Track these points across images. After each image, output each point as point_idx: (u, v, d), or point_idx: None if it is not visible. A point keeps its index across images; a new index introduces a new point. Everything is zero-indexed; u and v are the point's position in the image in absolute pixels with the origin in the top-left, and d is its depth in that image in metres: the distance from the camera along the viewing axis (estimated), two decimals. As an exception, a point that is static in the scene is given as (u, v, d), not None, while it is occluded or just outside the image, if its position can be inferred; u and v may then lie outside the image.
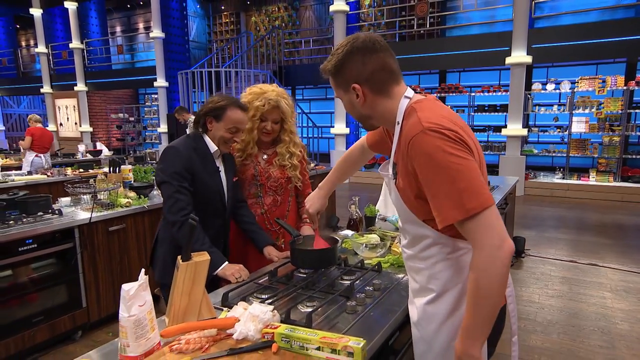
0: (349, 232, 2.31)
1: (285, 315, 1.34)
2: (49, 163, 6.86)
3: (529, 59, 7.89)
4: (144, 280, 1.18)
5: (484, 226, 1.02)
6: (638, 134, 8.11)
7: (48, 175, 5.45)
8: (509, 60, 7.97)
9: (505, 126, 8.42)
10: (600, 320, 3.29)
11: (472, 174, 1.04)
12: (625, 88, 7.78)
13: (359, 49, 1.20)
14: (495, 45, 8.42)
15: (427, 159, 1.07)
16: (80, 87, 13.54)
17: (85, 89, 13.62)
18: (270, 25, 13.62)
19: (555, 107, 8.76)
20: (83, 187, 3.29)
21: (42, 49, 14.18)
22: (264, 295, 1.55)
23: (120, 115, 14.31)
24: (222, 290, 1.66)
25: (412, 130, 1.12)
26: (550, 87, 8.48)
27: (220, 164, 2.03)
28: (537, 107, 8.93)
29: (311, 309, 1.38)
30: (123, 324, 1.12)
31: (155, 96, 12.81)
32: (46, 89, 14.57)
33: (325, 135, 11.77)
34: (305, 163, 2.33)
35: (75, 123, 14.13)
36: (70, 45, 13.41)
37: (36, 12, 13.84)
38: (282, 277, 1.72)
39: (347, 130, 10.19)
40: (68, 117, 14.34)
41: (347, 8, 9.83)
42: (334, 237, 1.90)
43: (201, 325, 1.28)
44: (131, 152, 11.45)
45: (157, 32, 11.47)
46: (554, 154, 8.93)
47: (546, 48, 8.16)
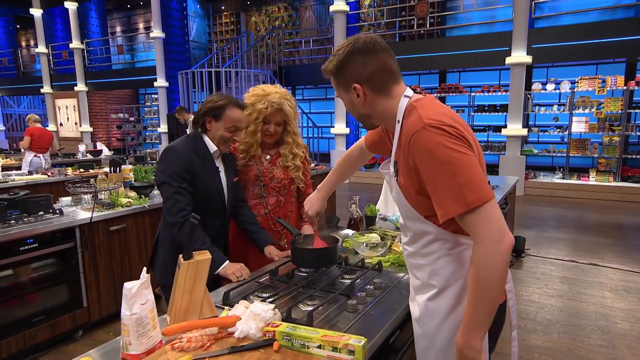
0: (349, 232, 2.31)
1: (286, 313, 1.35)
2: (48, 163, 6.85)
3: (529, 59, 7.89)
4: (146, 279, 1.18)
5: (484, 220, 1.04)
6: (638, 134, 8.12)
7: (48, 175, 5.46)
8: (509, 60, 7.97)
9: (505, 126, 8.43)
10: (600, 319, 3.30)
11: (472, 169, 1.06)
12: (625, 88, 7.79)
13: (359, 50, 1.22)
14: (495, 45, 8.42)
15: (428, 155, 1.09)
16: (81, 87, 13.55)
17: (86, 89, 13.62)
18: (270, 25, 13.63)
19: (555, 107, 8.76)
20: (84, 186, 3.29)
21: (42, 49, 14.18)
22: (265, 294, 1.55)
23: (121, 115, 14.31)
24: (223, 289, 1.66)
25: (413, 127, 1.13)
26: (550, 87, 8.49)
27: (220, 164, 2.04)
28: (537, 107, 8.93)
29: (312, 308, 1.39)
30: (125, 322, 1.13)
31: (155, 96, 12.81)
32: (46, 89, 14.58)
33: (325, 135, 11.77)
34: (307, 164, 2.33)
35: (76, 123, 14.13)
36: (71, 46, 13.41)
37: (36, 12, 13.84)
38: (283, 276, 1.73)
39: (347, 130, 10.19)
40: (68, 117, 14.34)
41: (347, 8, 9.84)
42: (335, 237, 1.90)
43: (203, 324, 1.28)
44: (131, 152, 11.46)
45: (157, 32, 11.48)
46: (554, 154, 8.93)
47: (546, 48, 8.16)
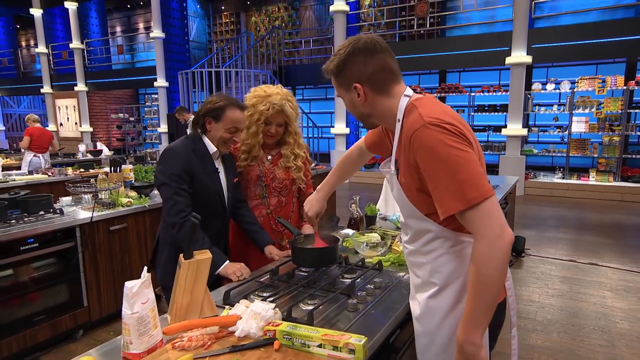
0: (349, 231, 2.31)
1: (286, 313, 1.35)
2: (48, 163, 6.85)
3: (528, 59, 7.90)
4: (147, 278, 1.18)
5: (484, 216, 1.05)
6: (638, 133, 8.12)
7: (49, 175, 5.46)
8: (509, 60, 7.97)
9: (505, 126, 8.43)
10: (600, 319, 3.30)
11: (471, 166, 1.07)
12: (625, 88, 7.79)
13: (360, 50, 1.23)
14: (495, 45, 8.42)
15: (428, 152, 1.10)
16: (81, 87, 13.55)
17: (86, 89, 13.62)
18: (270, 25, 13.63)
19: (555, 107, 8.77)
20: (84, 186, 3.29)
21: (42, 49, 14.18)
22: (266, 294, 1.55)
23: (121, 115, 14.31)
24: (224, 288, 1.66)
25: (413, 125, 1.15)
26: (550, 87, 8.49)
27: (219, 165, 2.03)
28: (537, 107, 8.93)
29: (312, 307, 1.39)
30: (126, 321, 1.13)
31: (156, 96, 12.82)
32: (46, 89, 14.58)
33: (325, 135, 11.78)
34: (308, 164, 2.33)
35: (76, 123, 14.13)
36: (71, 46, 13.41)
37: (36, 12, 13.84)
38: (284, 276, 1.73)
39: (347, 130, 10.19)
40: (68, 117, 14.34)
41: (347, 8, 9.84)
42: (335, 236, 1.90)
43: (203, 323, 1.29)
44: (131, 152, 11.46)
45: (157, 32, 11.48)
46: (554, 154, 8.94)
47: (546, 48, 8.16)
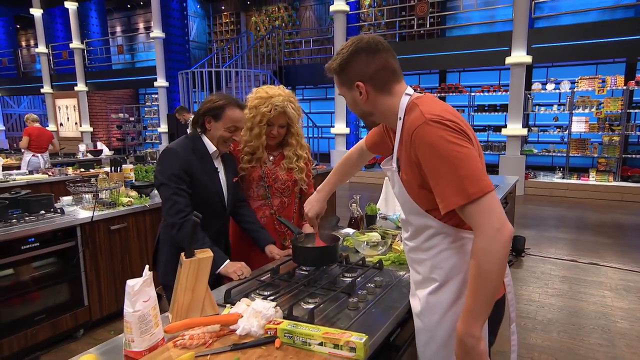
0: (350, 230, 2.32)
1: (287, 311, 1.35)
2: (47, 163, 6.85)
3: (528, 59, 7.90)
4: (148, 277, 1.18)
5: (485, 210, 1.07)
6: (638, 133, 8.13)
7: (49, 175, 5.46)
8: (509, 60, 7.98)
9: (505, 126, 8.43)
10: (600, 318, 3.30)
11: (472, 162, 1.09)
12: (625, 88, 7.80)
13: (363, 49, 1.25)
14: (495, 45, 8.43)
15: (430, 148, 1.12)
16: (81, 87, 13.55)
17: (86, 89, 13.63)
18: (271, 25, 13.64)
19: (555, 107, 8.77)
20: (85, 186, 3.29)
21: (42, 49, 14.18)
22: (267, 292, 1.56)
23: (121, 115, 14.32)
24: (225, 287, 1.66)
25: (414, 122, 1.16)
26: (550, 87, 8.49)
27: (219, 165, 2.03)
28: (537, 107, 8.94)
29: (313, 306, 1.39)
30: (128, 319, 1.13)
31: (156, 96, 12.82)
32: (46, 89, 14.58)
33: (325, 135, 11.78)
34: (310, 164, 2.33)
35: (76, 123, 14.14)
36: (71, 45, 13.42)
37: (36, 12, 13.85)
38: (284, 275, 1.73)
39: (347, 130, 10.20)
40: (68, 117, 14.35)
41: (347, 8, 9.84)
42: (335, 235, 1.91)
43: (205, 321, 1.29)
44: (131, 152, 11.46)
45: (157, 32, 11.48)
46: (553, 154, 8.94)
47: (546, 48, 8.17)
